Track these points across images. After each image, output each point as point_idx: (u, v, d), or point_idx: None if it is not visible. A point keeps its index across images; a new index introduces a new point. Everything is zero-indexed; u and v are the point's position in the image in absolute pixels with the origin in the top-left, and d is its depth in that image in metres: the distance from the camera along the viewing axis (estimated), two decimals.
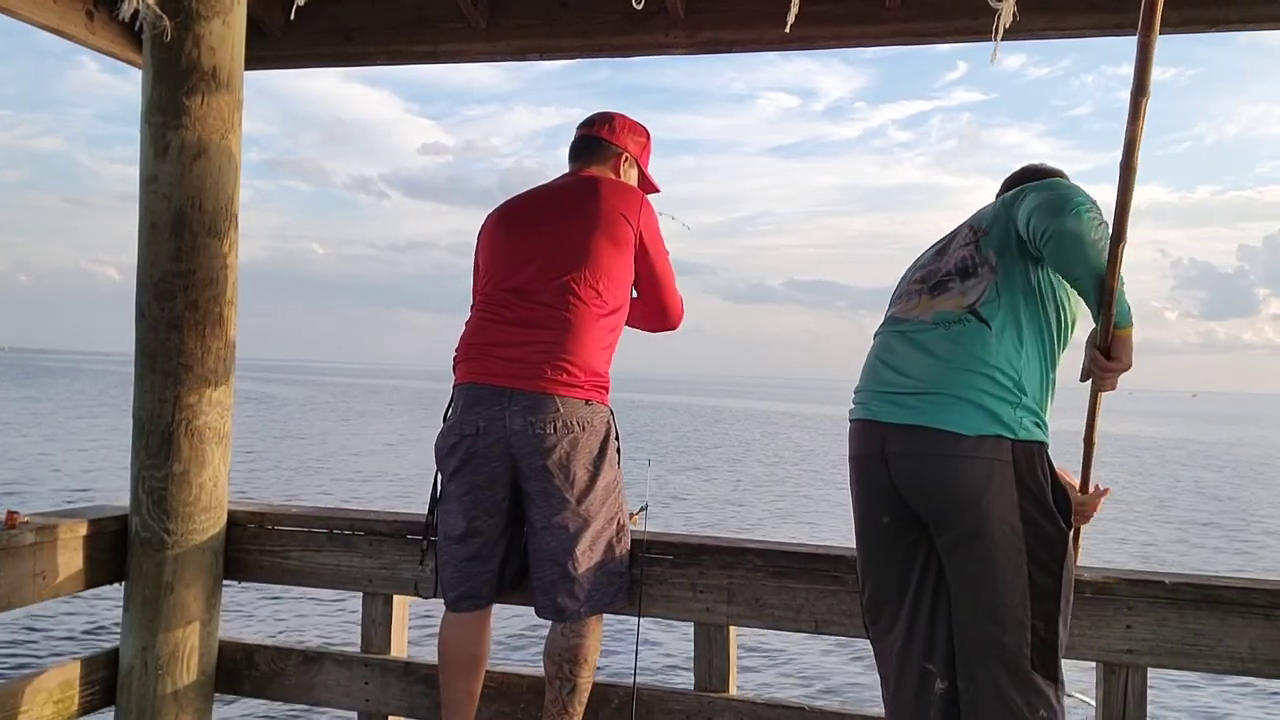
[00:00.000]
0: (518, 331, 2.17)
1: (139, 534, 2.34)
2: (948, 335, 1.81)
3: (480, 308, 2.27)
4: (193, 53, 2.26)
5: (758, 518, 15.49)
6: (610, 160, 2.37)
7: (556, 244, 2.20)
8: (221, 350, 2.37)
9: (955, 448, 1.72)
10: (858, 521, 1.94)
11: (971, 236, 1.91)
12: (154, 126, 2.29)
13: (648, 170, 2.47)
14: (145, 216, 2.32)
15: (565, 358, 2.12)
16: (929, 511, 1.80)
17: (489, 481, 2.16)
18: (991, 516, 1.71)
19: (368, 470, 20.06)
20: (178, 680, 2.35)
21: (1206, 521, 16.80)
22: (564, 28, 2.61)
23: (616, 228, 2.20)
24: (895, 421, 1.81)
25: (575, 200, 2.25)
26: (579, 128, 2.42)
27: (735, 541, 2.32)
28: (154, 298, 2.32)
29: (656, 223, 2.30)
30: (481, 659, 2.25)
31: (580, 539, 2.13)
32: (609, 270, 2.18)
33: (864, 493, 1.91)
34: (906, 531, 1.85)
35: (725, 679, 2.25)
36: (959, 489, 1.72)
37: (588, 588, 2.14)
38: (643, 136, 2.43)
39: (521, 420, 2.10)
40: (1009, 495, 1.71)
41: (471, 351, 2.22)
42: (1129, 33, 2.28)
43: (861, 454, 1.90)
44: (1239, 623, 1.94)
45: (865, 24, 2.40)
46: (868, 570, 1.93)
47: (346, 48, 2.78)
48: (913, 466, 1.79)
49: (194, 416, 2.33)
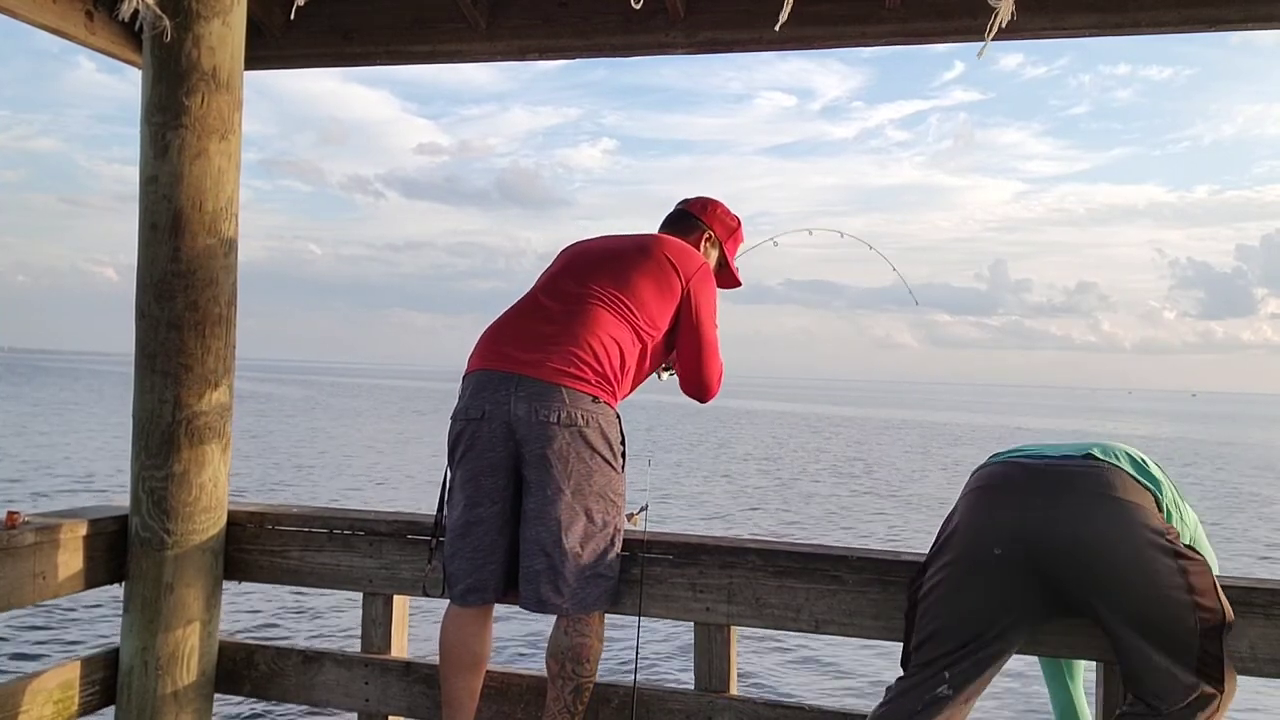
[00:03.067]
0: (537, 324, 2.22)
1: (139, 534, 2.34)
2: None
3: (511, 309, 2.32)
4: (192, 53, 2.26)
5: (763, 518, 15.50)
6: (693, 234, 2.49)
7: (600, 264, 2.29)
8: (221, 350, 2.37)
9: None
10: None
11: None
12: (154, 127, 2.29)
13: (732, 258, 2.56)
14: (145, 217, 2.32)
15: (577, 352, 2.14)
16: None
17: (491, 468, 2.16)
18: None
19: (366, 469, 20.06)
20: (177, 680, 2.35)
21: (1214, 522, 16.83)
22: (563, 28, 2.61)
23: (664, 274, 2.28)
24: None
25: (635, 244, 2.35)
26: (678, 204, 2.58)
27: (735, 541, 2.32)
28: (154, 298, 2.32)
29: (712, 292, 2.36)
30: (483, 657, 2.25)
31: (570, 533, 2.12)
32: (644, 300, 2.25)
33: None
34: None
35: (725, 679, 2.25)
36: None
37: (573, 584, 2.12)
38: (734, 223, 2.54)
39: (526, 406, 2.11)
40: None
41: (485, 341, 2.26)
42: (1129, 32, 2.29)
43: None
44: (1239, 622, 1.93)
45: (864, 23, 2.40)
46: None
47: (346, 48, 2.78)
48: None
49: (194, 417, 2.33)
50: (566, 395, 2.11)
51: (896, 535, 13.85)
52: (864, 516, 15.84)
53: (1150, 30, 2.27)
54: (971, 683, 1.86)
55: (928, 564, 1.99)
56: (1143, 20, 2.25)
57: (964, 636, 1.87)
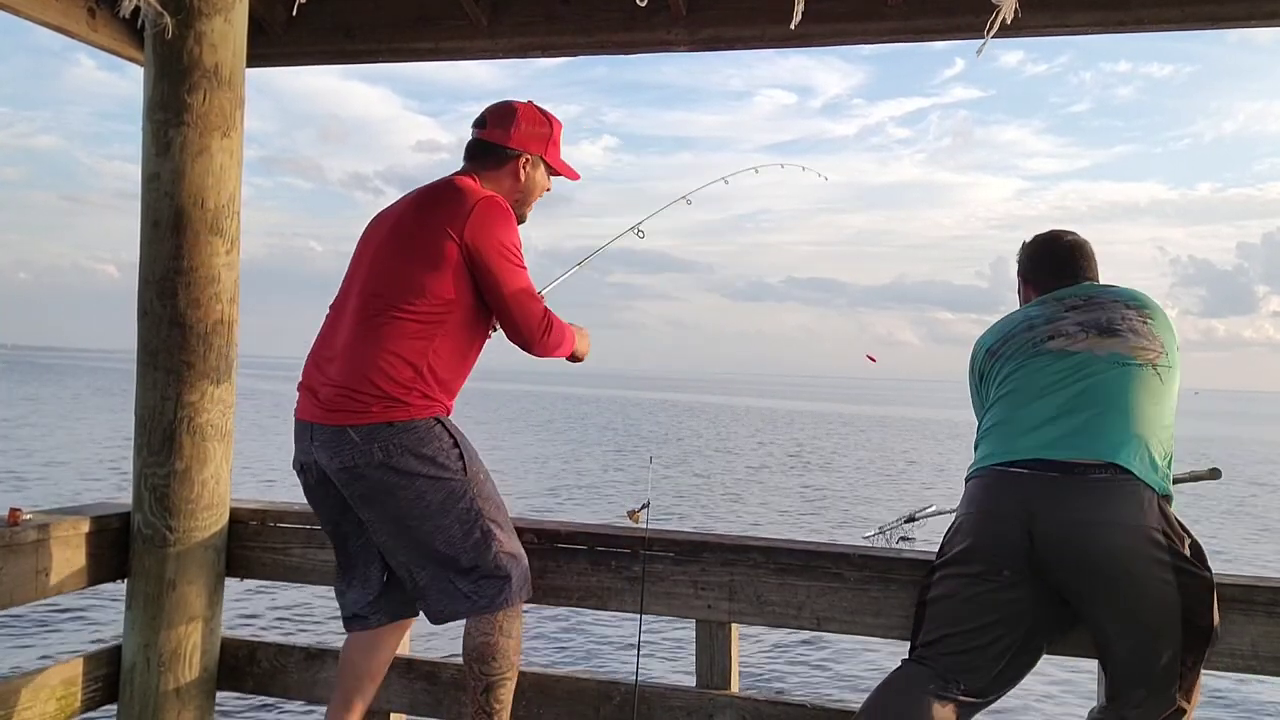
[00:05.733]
0: (325, 350, 2.15)
1: (141, 531, 2.34)
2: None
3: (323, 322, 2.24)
4: (194, 50, 2.26)
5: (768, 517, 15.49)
6: (506, 166, 2.22)
7: (368, 262, 2.16)
8: (223, 347, 2.37)
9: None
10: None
11: (1133, 310, 2.02)
12: (155, 124, 2.29)
13: (558, 163, 2.29)
14: (147, 214, 2.32)
15: (355, 387, 2.03)
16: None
17: (333, 512, 2.17)
18: None
19: None
20: (180, 677, 2.35)
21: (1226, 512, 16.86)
22: (566, 25, 2.60)
23: (430, 242, 2.07)
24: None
25: (393, 223, 2.16)
26: (473, 125, 2.27)
27: (737, 539, 2.32)
28: (156, 295, 2.32)
29: (500, 232, 2.10)
30: (372, 673, 2.24)
31: (431, 555, 2.06)
32: (418, 285, 2.06)
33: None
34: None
35: (727, 676, 2.25)
36: None
37: (464, 590, 2.07)
38: (545, 129, 2.25)
39: (326, 455, 2.06)
40: None
41: (304, 372, 2.20)
42: (1131, 29, 2.28)
43: None
44: (1241, 620, 1.94)
45: (867, 20, 2.39)
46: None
47: (348, 45, 2.78)
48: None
49: (196, 414, 2.33)
50: (355, 434, 2.01)
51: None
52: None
53: (1153, 27, 2.26)
54: (984, 684, 1.88)
55: (937, 566, 1.99)
56: (1145, 17, 2.24)
57: (973, 643, 1.88)
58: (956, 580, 1.92)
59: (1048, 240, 2.25)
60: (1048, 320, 2.05)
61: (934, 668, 1.89)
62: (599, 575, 2.30)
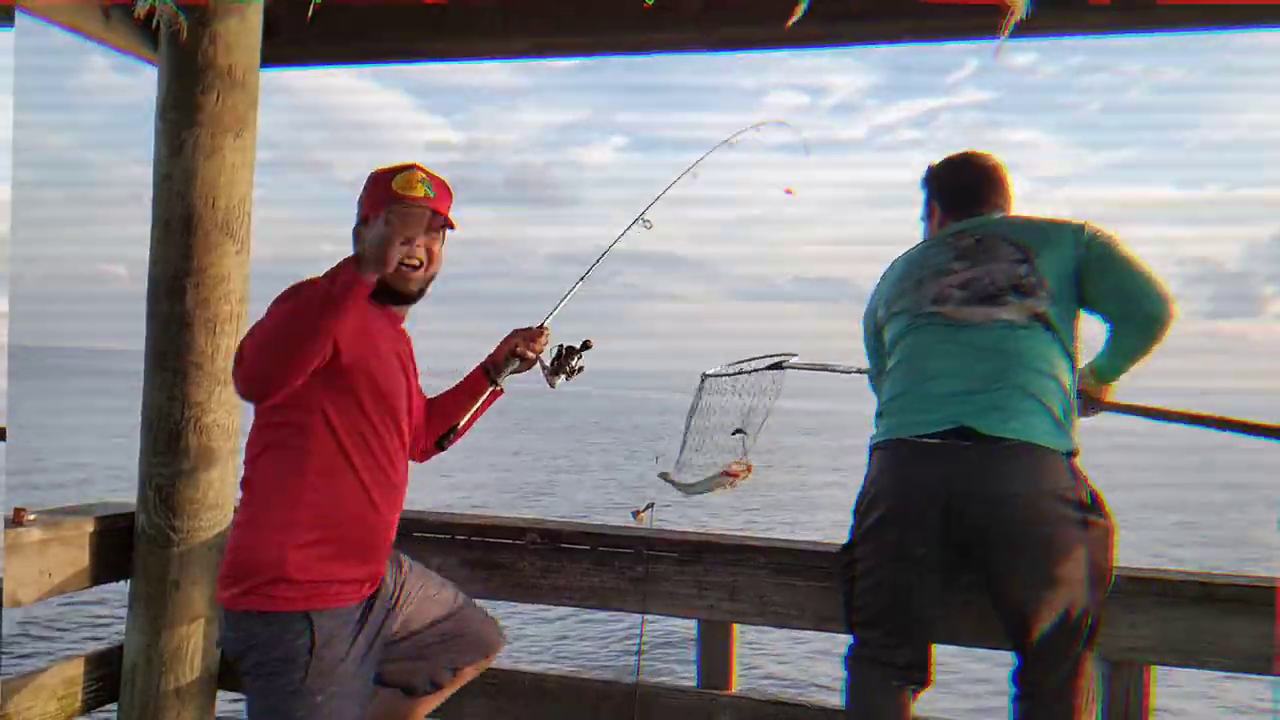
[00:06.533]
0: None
1: (145, 531, 2.34)
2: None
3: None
4: (209, 50, 2.26)
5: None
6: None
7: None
8: (232, 348, 2.36)
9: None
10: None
11: (1019, 254, 1.97)
12: (168, 124, 2.29)
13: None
14: (158, 214, 2.33)
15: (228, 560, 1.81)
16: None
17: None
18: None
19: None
20: (181, 677, 2.34)
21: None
22: (579, 26, 2.59)
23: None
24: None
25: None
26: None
27: (739, 539, 2.32)
28: (165, 295, 2.32)
29: (286, 295, 1.67)
30: None
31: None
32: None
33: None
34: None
35: (727, 677, 2.24)
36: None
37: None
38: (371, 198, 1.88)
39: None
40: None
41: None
42: (1146, 30, 2.27)
43: None
44: (1242, 620, 1.92)
45: (882, 20, 2.37)
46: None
47: (363, 46, 2.77)
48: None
49: (203, 414, 2.32)
50: (228, 617, 1.82)
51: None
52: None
53: (1169, 29, 2.24)
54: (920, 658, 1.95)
55: (855, 542, 2.02)
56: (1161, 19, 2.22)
57: (904, 618, 1.94)
58: (875, 559, 1.96)
59: (959, 166, 2.21)
60: (936, 273, 2.03)
61: (881, 656, 1.93)
62: (602, 575, 2.29)
